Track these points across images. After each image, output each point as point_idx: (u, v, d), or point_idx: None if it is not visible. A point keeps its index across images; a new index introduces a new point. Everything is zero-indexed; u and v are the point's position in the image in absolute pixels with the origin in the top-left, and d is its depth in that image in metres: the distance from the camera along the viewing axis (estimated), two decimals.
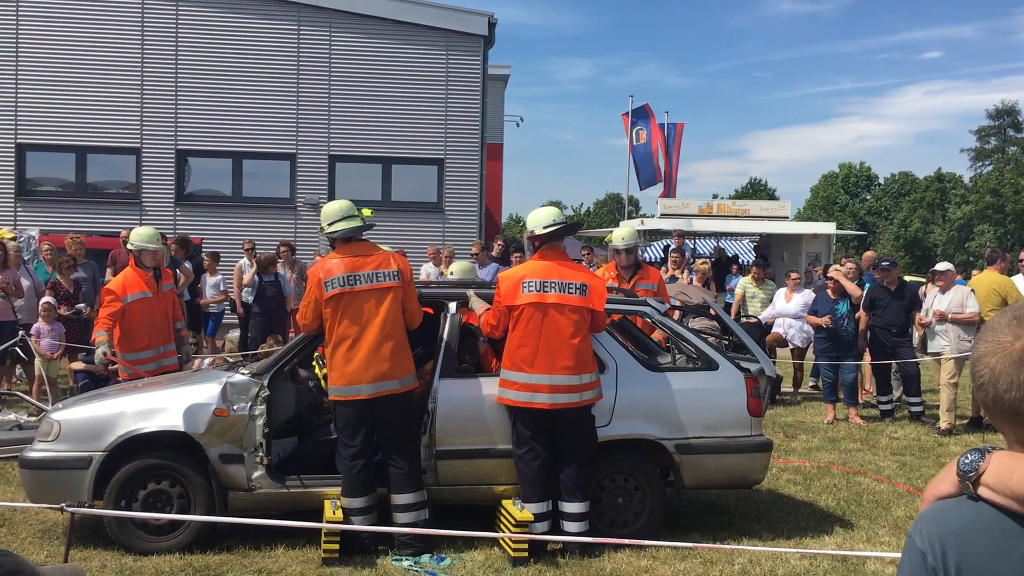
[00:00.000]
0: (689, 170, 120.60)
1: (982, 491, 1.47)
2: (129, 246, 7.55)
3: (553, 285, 5.57)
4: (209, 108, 18.07)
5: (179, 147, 18.13)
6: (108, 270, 11.64)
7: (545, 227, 5.76)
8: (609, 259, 8.40)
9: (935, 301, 9.95)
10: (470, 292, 6.12)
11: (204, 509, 5.52)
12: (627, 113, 25.94)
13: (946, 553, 1.45)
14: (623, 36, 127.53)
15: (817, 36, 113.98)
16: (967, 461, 1.50)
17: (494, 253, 13.46)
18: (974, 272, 15.29)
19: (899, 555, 5.07)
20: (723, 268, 18.90)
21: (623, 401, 5.82)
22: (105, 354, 7.06)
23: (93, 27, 17.84)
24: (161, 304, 7.54)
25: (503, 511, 5.62)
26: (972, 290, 9.85)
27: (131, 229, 12.81)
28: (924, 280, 12.24)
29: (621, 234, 8.06)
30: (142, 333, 7.37)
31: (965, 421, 10.15)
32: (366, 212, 5.83)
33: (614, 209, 71.60)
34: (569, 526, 5.54)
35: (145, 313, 7.36)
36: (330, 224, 5.71)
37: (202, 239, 15.58)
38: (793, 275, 11.98)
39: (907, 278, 12.08)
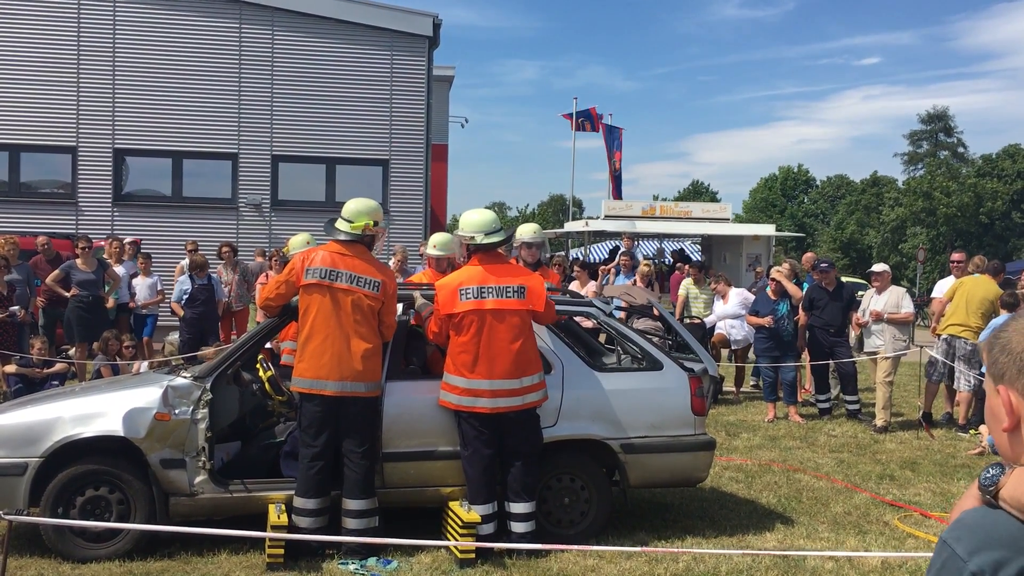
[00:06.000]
0: (633, 172, 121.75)
1: (1002, 505, 1.46)
2: None
3: (491, 290, 5.58)
4: (148, 106, 17.70)
5: (117, 146, 17.73)
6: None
7: (488, 235, 5.75)
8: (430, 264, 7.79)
9: (872, 301, 10.19)
10: (416, 294, 6.11)
11: (144, 515, 5.41)
12: (569, 114, 26.31)
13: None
14: (571, 39, 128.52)
15: (760, 41, 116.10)
16: (988, 476, 1.49)
17: None
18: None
19: (837, 553, 5.11)
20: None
21: (569, 402, 5.86)
22: None
23: (27, 22, 17.37)
24: None
25: (450, 513, 5.63)
26: (906, 291, 10.09)
27: (49, 234, 12.61)
28: (862, 281, 12.48)
29: (434, 241, 7.64)
30: None
31: (900, 418, 10.41)
32: (362, 221, 5.64)
33: (558, 211, 71.96)
34: (516, 526, 5.56)
35: None
36: (340, 222, 5.68)
37: (141, 240, 15.28)
38: (712, 285, 12.24)
39: (844, 279, 12.35)
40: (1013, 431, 1.48)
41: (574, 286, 12.04)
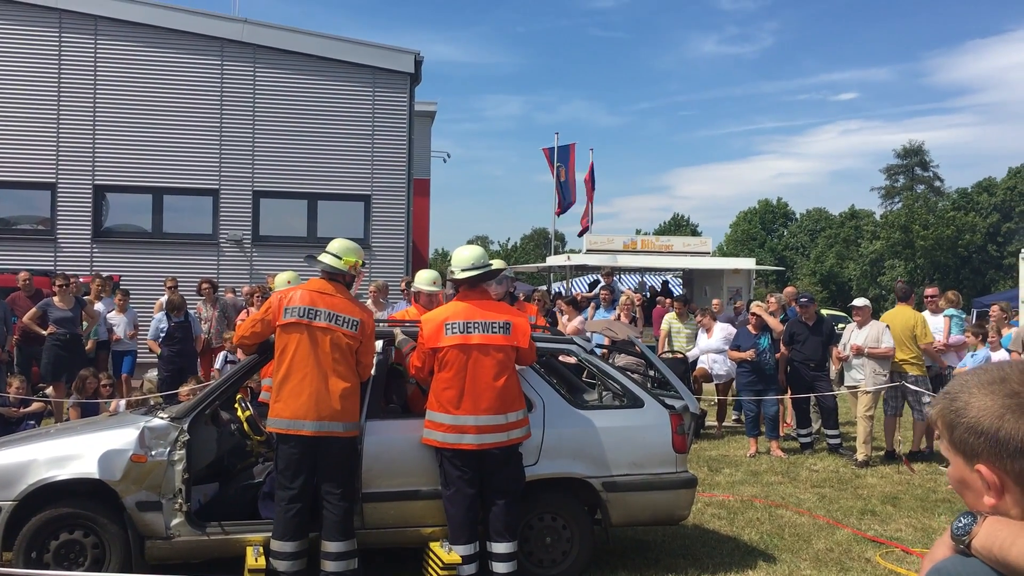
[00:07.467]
0: (615, 205, 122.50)
1: (975, 554, 1.46)
2: None
3: (476, 326, 5.58)
4: (128, 142, 17.70)
5: (97, 182, 17.69)
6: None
7: (464, 270, 5.77)
8: (418, 300, 7.33)
9: (852, 335, 10.25)
10: (397, 330, 6.09)
11: (120, 559, 5.33)
12: (549, 149, 26.40)
13: None
14: (553, 75, 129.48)
15: (739, 77, 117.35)
16: (960, 525, 1.49)
17: None
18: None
19: None
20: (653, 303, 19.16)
21: (550, 440, 5.83)
22: None
23: (7, 57, 17.37)
24: None
25: (430, 554, 5.57)
26: (887, 325, 10.16)
27: (28, 271, 12.54)
28: (842, 313, 12.53)
29: (429, 278, 7.25)
30: None
31: (881, 453, 10.43)
32: (352, 259, 5.72)
33: (540, 244, 72.14)
34: (497, 567, 5.50)
35: None
36: (325, 255, 5.70)
37: (119, 277, 15.18)
38: (698, 318, 12.26)
39: (824, 312, 12.42)
40: (999, 503, 1.48)
41: (562, 321, 12.07)
